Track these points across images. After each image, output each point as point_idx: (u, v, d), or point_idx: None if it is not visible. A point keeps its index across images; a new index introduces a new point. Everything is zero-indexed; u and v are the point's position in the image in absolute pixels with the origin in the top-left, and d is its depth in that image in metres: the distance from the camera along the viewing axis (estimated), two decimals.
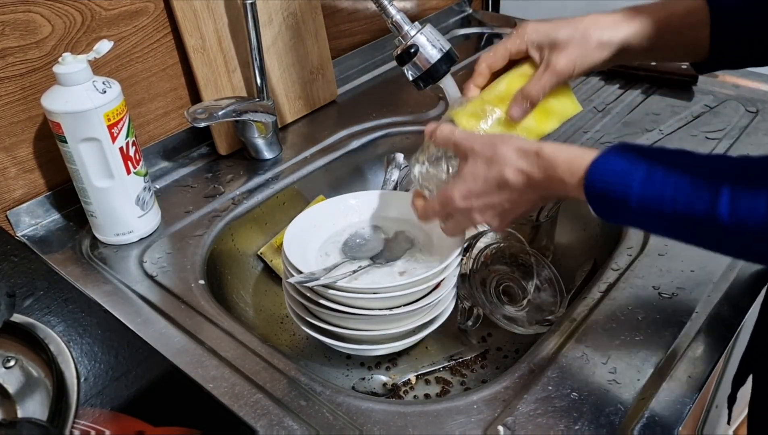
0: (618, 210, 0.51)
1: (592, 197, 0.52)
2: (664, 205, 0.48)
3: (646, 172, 0.49)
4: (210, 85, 0.92)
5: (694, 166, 0.48)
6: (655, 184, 0.48)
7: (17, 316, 0.60)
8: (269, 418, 0.58)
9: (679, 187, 0.47)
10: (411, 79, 0.72)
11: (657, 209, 0.48)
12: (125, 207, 0.78)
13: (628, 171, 0.50)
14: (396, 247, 0.74)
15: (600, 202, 0.52)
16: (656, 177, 0.49)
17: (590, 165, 0.52)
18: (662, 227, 0.50)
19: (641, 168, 0.49)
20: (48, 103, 0.72)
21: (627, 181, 0.49)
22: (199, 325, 0.68)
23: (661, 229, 0.51)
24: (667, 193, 0.48)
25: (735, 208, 0.44)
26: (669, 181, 0.48)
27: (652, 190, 0.48)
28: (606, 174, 0.51)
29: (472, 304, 0.78)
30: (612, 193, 0.50)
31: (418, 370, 0.74)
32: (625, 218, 0.51)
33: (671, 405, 0.58)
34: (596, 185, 0.51)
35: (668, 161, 0.49)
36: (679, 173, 0.48)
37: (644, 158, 0.50)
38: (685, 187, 0.47)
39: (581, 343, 0.64)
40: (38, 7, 0.77)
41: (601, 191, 0.51)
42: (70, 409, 0.53)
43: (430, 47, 0.70)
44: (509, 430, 0.56)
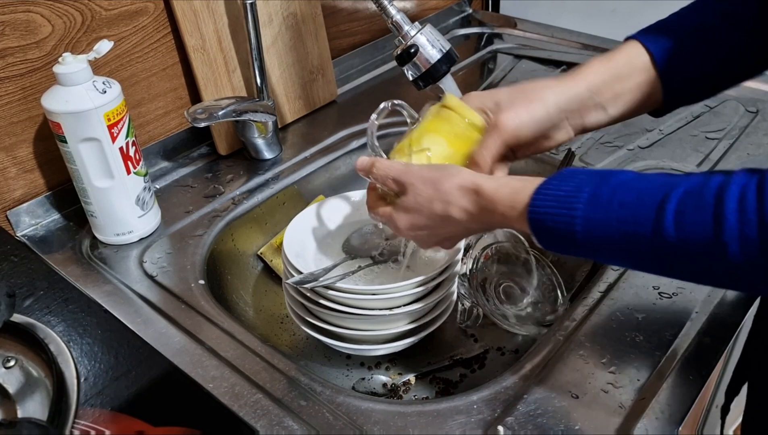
0: (564, 239, 0.49)
1: (536, 229, 0.51)
2: (610, 226, 0.46)
3: (591, 195, 0.48)
4: (210, 85, 0.92)
5: (640, 185, 0.47)
6: (599, 206, 0.47)
7: (17, 316, 0.60)
8: (269, 418, 0.58)
9: (624, 206, 0.46)
10: (411, 79, 0.72)
11: (603, 232, 0.47)
12: (125, 207, 0.78)
13: (571, 196, 0.49)
14: (396, 246, 0.73)
15: (545, 233, 0.50)
16: (601, 199, 0.47)
17: (531, 196, 0.51)
18: (611, 252, 0.48)
19: (586, 191, 0.48)
20: (48, 103, 0.72)
21: (570, 205, 0.48)
22: (199, 325, 0.68)
23: (610, 254, 0.49)
24: (612, 214, 0.46)
25: (680, 224, 0.43)
26: (614, 200, 0.47)
27: (597, 212, 0.47)
28: (547, 202, 0.50)
29: (472, 304, 0.78)
30: (556, 221, 0.49)
31: (418, 370, 0.74)
32: (573, 247, 0.50)
33: (671, 405, 0.58)
34: (539, 216, 0.50)
35: (615, 182, 0.48)
36: (625, 191, 0.47)
37: (590, 181, 0.49)
38: (631, 205, 0.46)
39: (581, 343, 0.64)
40: (38, 7, 0.77)
41: (544, 221, 0.50)
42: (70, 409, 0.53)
43: (430, 47, 0.70)
44: (509, 430, 0.56)
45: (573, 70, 0.62)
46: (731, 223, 0.41)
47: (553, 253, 0.68)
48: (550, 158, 0.94)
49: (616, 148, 0.95)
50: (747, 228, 0.41)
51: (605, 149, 0.95)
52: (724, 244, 0.41)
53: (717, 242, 0.42)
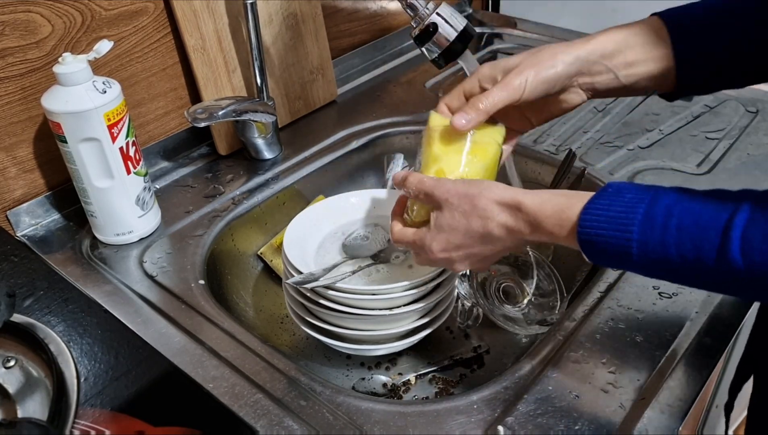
0: (619, 259, 0.48)
1: (588, 250, 0.49)
2: (668, 250, 0.45)
3: (645, 216, 0.46)
4: (210, 85, 0.92)
5: (697, 207, 0.45)
6: (655, 228, 0.46)
7: (17, 316, 0.60)
8: (269, 418, 0.58)
9: (682, 230, 0.44)
10: (431, 58, 0.73)
11: (661, 255, 0.45)
12: (125, 207, 0.78)
13: (625, 215, 0.47)
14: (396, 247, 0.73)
15: (598, 254, 0.49)
16: (656, 220, 0.46)
17: (580, 215, 0.49)
18: (670, 273, 0.47)
19: (639, 211, 0.47)
20: (48, 103, 0.72)
21: (624, 227, 0.47)
22: (199, 325, 0.68)
23: (668, 275, 0.47)
24: (670, 238, 0.45)
25: (748, 252, 0.42)
26: (670, 223, 0.45)
27: (654, 235, 0.45)
28: (600, 224, 0.48)
29: (472, 304, 0.78)
30: (610, 245, 0.47)
31: (418, 370, 0.74)
32: (628, 266, 0.48)
33: (671, 405, 0.58)
34: (591, 238, 0.48)
35: (668, 202, 0.46)
36: (682, 214, 0.45)
37: (642, 200, 0.47)
38: (689, 230, 0.44)
39: (581, 343, 0.64)
40: (38, 7, 0.77)
41: (597, 243, 0.48)
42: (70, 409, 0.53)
43: (448, 25, 0.70)
44: (509, 430, 0.56)
45: (589, 35, 0.62)
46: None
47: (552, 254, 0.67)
48: (551, 158, 0.94)
49: (616, 148, 0.95)
50: None
51: (605, 149, 0.95)
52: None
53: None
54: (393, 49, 1.25)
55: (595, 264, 0.51)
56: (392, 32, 1.25)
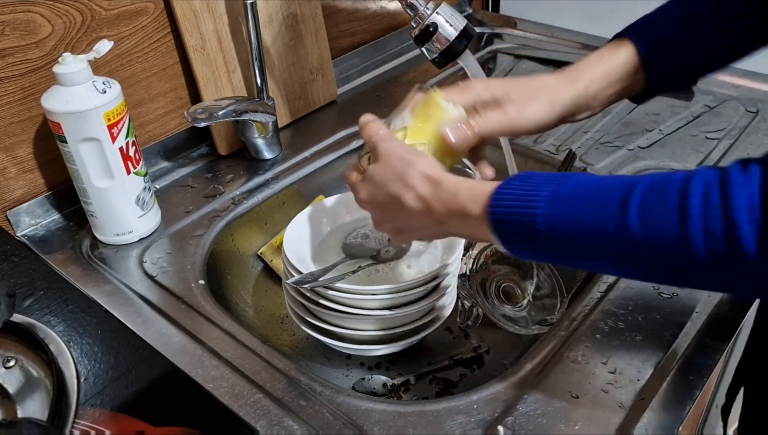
0: (526, 238, 0.49)
1: (497, 228, 0.50)
2: (572, 225, 0.46)
3: (551, 193, 0.48)
4: (210, 85, 0.92)
5: (601, 183, 0.47)
6: (560, 203, 0.47)
7: (17, 316, 0.60)
8: (269, 418, 0.58)
9: (586, 204, 0.46)
10: (430, 58, 0.73)
11: (566, 230, 0.46)
12: (125, 207, 0.78)
13: (532, 193, 0.48)
14: (396, 246, 0.74)
15: (505, 229, 0.50)
16: (562, 196, 0.47)
17: (493, 190, 0.50)
18: (574, 252, 0.48)
19: (546, 189, 0.48)
20: (48, 103, 0.72)
21: (531, 202, 0.48)
22: (199, 325, 0.68)
23: (573, 254, 0.48)
24: (573, 210, 0.46)
25: (645, 220, 0.43)
26: (575, 198, 0.46)
27: (559, 210, 0.47)
28: (510, 198, 0.49)
29: (472, 304, 0.78)
30: (517, 221, 0.49)
31: (418, 370, 0.74)
32: (535, 247, 0.49)
33: (671, 405, 0.58)
34: (499, 216, 0.49)
35: (575, 182, 0.48)
36: (586, 190, 0.46)
37: (550, 181, 0.49)
38: (593, 203, 0.46)
39: (581, 344, 0.64)
40: (38, 7, 0.77)
41: (505, 221, 0.49)
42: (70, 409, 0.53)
43: (448, 25, 0.70)
44: (509, 430, 0.56)
45: (570, 69, 0.62)
46: (696, 219, 0.41)
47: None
48: (551, 158, 0.94)
49: (616, 148, 0.95)
50: (712, 223, 0.40)
51: (605, 149, 0.95)
52: (689, 240, 0.41)
53: (682, 238, 0.41)
54: (393, 49, 1.25)
55: (506, 248, 0.51)
56: (392, 32, 1.25)
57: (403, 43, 1.26)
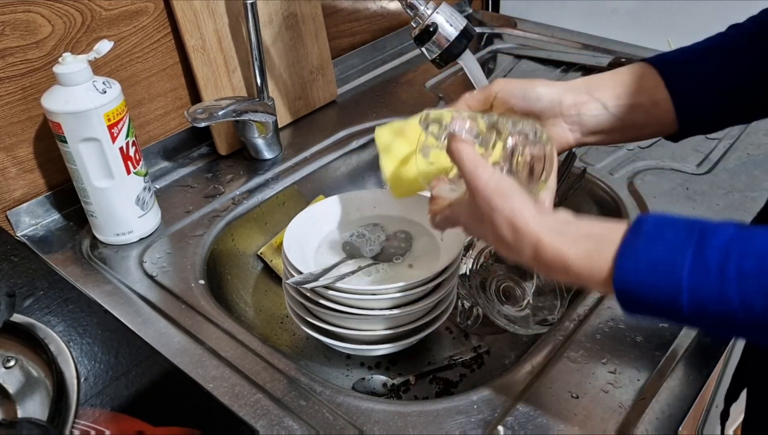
0: (666, 313, 0.41)
1: (627, 303, 0.43)
2: (730, 298, 0.38)
3: (695, 257, 0.39)
4: (210, 85, 0.92)
5: (759, 245, 0.39)
6: (709, 271, 0.39)
7: (17, 316, 0.60)
8: (269, 418, 0.58)
9: (744, 274, 0.38)
10: (430, 58, 0.73)
11: (721, 306, 0.39)
12: (125, 207, 0.78)
13: (670, 259, 0.40)
14: (396, 246, 0.74)
15: (640, 307, 0.42)
16: (710, 262, 0.39)
17: (616, 261, 0.42)
18: (730, 328, 0.41)
19: (688, 253, 0.40)
20: (48, 103, 0.72)
21: (671, 273, 0.40)
22: (199, 325, 0.68)
23: (729, 329, 0.41)
24: (730, 283, 0.38)
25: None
26: (729, 265, 0.38)
27: (709, 279, 0.39)
28: (641, 270, 0.41)
29: (472, 304, 0.78)
30: (654, 296, 0.41)
31: (418, 370, 0.74)
32: (677, 319, 0.42)
33: (671, 405, 0.58)
34: (631, 288, 0.42)
35: (722, 240, 0.40)
36: (741, 254, 0.38)
37: (682, 239, 0.40)
38: (754, 273, 0.38)
39: (581, 344, 0.64)
40: (38, 7, 0.77)
41: (638, 295, 0.41)
42: (70, 409, 0.53)
43: (448, 25, 0.70)
44: (509, 430, 0.56)
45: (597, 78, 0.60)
46: None
47: None
48: None
49: (616, 148, 0.95)
50: None
51: (605, 149, 0.95)
52: None
53: None
54: (393, 49, 1.25)
55: (635, 316, 0.44)
56: (392, 32, 1.25)
57: (403, 43, 1.26)
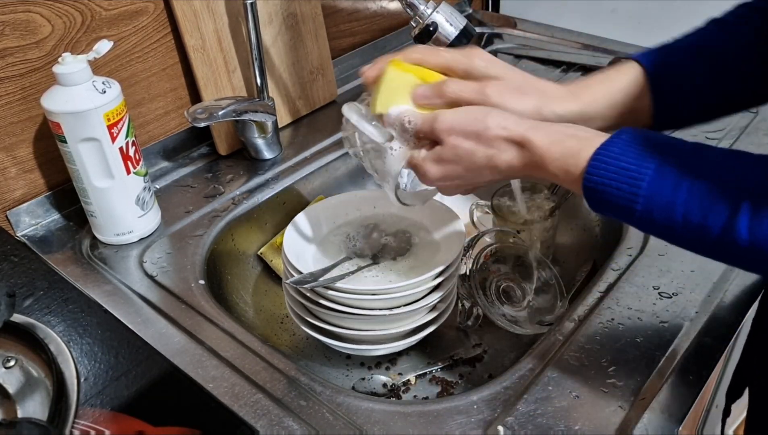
0: (620, 213, 0.47)
1: (591, 199, 0.48)
2: (675, 212, 0.44)
3: (657, 171, 0.45)
4: (210, 85, 0.92)
5: (713, 170, 0.44)
6: (665, 187, 0.44)
7: (17, 316, 0.60)
8: (269, 418, 0.58)
9: (693, 194, 0.43)
10: None
11: (666, 216, 0.45)
12: (125, 207, 0.78)
13: (635, 169, 0.45)
14: (396, 246, 0.74)
15: (600, 204, 0.48)
16: (668, 178, 0.44)
17: (588, 162, 0.48)
18: (668, 235, 0.46)
19: (651, 165, 0.45)
20: (48, 103, 0.72)
21: (634, 180, 0.45)
22: (199, 325, 0.68)
23: (668, 237, 0.47)
24: (680, 198, 0.44)
25: (755, 230, 0.41)
26: (683, 184, 0.44)
27: (663, 193, 0.44)
28: (609, 174, 0.47)
29: (472, 304, 0.78)
30: (615, 196, 0.46)
31: (418, 370, 0.74)
32: (627, 220, 0.48)
33: (671, 405, 0.58)
34: (596, 186, 0.47)
35: (683, 159, 0.45)
36: (695, 177, 0.43)
37: (655, 152, 0.45)
38: (701, 195, 0.43)
39: (581, 344, 0.64)
40: (38, 7, 0.77)
41: (602, 193, 0.47)
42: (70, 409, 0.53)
43: (448, 25, 0.70)
44: (509, 430, 0.56)
45: (575, 84, 0.60)
46: None
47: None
48: None
49: None
50: None
51: None
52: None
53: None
54: (393, 48, 1.25)
55: (596, 212, 0.50)
56: (392, 32, 1.25)
57: (403, 43, 1.26)
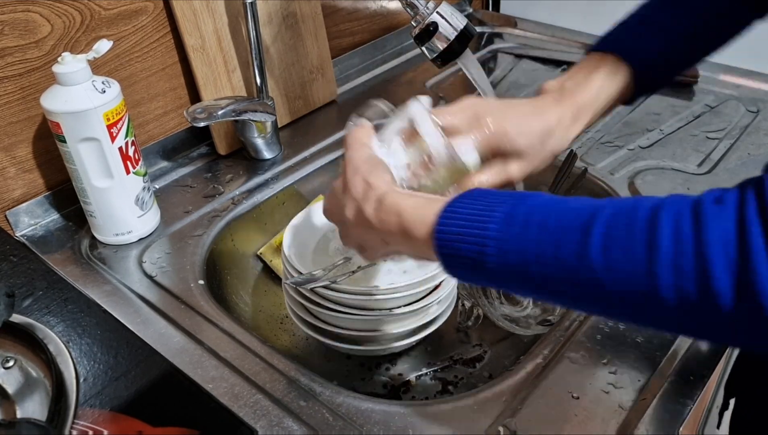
0: (472, 261, 0.44)
1: (442, 246, 0.45)
2: (527, 250, 0.42)
3: (506, 214, 0.43)
4: (209, 84, 0.92)
5: (563, 206, 0.42)
6: (514, 226, 0.43)
7: (16, 317, 0.60)
8: (269, 419, 0.58)
9: (544, 228, 0.41)
10: (431, 57, 0.73)
11: (519, 257, 0.42)
12: (124, 207, 0.78)
13: (484, 213, 0.44)
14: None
15: (451, 252, 0.45)
16: (517, 217, 0.43)
17: (442, 209, 0.46)
18: (527, 280, 0.43)
19: (500, 210, 0.44)
20: (47, 102, 0.72)
21: (482, 223, 0.43)
22: (198, 326, 0.68)
23: (525, 283, 0.43)
24: (530, 235, 0.42)
25: (608, 248, 0.38)
26: (532, 220, 0.42)
27: (512, 233, 0.42)
28: (460, 217, 0.45)
29: (472, 304, 0.77)
30: (466, 239, 0.44)
31: (418, 370, 0.74)
32: (483, 275, 0.45)
33: (672, 405, 0.58)
34: (446, 231, 0.45)
35: (534, 203, 0.44)
36: (546, 212, 0.42)
37: (505, 200, 0.44)
38: (552, 228, 0.41)
39: (581, 344, 0.64)
40: (37, 6, 0.76)
41: (452, 237, 0.45)
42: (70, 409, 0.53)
43: (448, 25, 0.70)
44: (509, 430, 0.56)
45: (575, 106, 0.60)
46: (664, 251, 0.36)
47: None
48: None
49: (616, 148, 0.95)
50: (681, 259, 0.36)
51: (605, 149, 0.95)
52: (656, 274, 0.37)
53: (649, 272, 0.37)
54: (393, 48, 1.25)
55: (451, 273, 0.47)
56: (392, 32, 1.25)
57: (403, 43, 1.26)
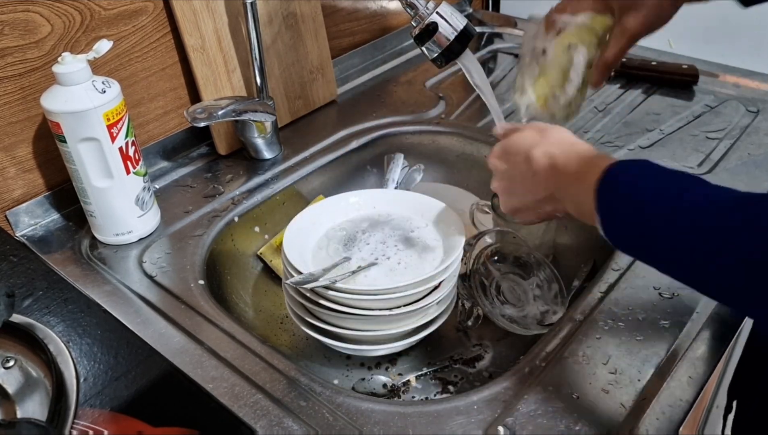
0: (629, 203, 0.50)
1: (605, 190, 0.51)
2: (682, 199, 0.47)
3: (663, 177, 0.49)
4: (209, 84, 0.92)
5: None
6: (671, 185, 0.48)
7: (17, 317, 0.60)
8: (269, 419, 0.58)
9: (697, 193, 0.47)
10: (431, 57, 0.73)
11: (672, 203, 0.47)
12: (125, 207, 0.78)
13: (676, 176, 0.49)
14: (396, 246, 0.73)
15: (612, 195, 0.51)
16: (673, 181, 0.48)
17: (610, 165, 0.52)
18: (672, 231, 0.47)
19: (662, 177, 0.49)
20: (47, 102, 0.72)
21: (644, 176, 0.50)
22: (198, 326, 0.68)
23: (670, 234, 0.48)
24: (686, 195, 0.47)
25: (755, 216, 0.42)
26: (687, 186, 0.48)
27: (670, 188, 0.48)
28: (625, 172, 0.51)
29: (472, 304, 0.77)
30: (628, 183, 0.50)
31: (418, 370, 0.74)
32: (635, 218, 0.50)
33: (672, 405, 0.58)
34: (613, 178, 0.51)
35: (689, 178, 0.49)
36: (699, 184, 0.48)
37: (662, 172, 0.50)
38: (705, 193, 0.46)
39: (581, 344, 0.64)
40: (37, 6, 0.76)
41: (617, 182, 0.51)
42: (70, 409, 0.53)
43: (448, 24, 0.70)
44: (509, 430, 0.56)
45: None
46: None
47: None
48: None
49: (616, 148, 0.95)
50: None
51: (606, 149, 0.95)
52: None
53: None
54: (393, 48, 1.25)
55: (610, 221, 0.52)
56: (392, 32, 1.25)
57: (403, 43, 1.26)
